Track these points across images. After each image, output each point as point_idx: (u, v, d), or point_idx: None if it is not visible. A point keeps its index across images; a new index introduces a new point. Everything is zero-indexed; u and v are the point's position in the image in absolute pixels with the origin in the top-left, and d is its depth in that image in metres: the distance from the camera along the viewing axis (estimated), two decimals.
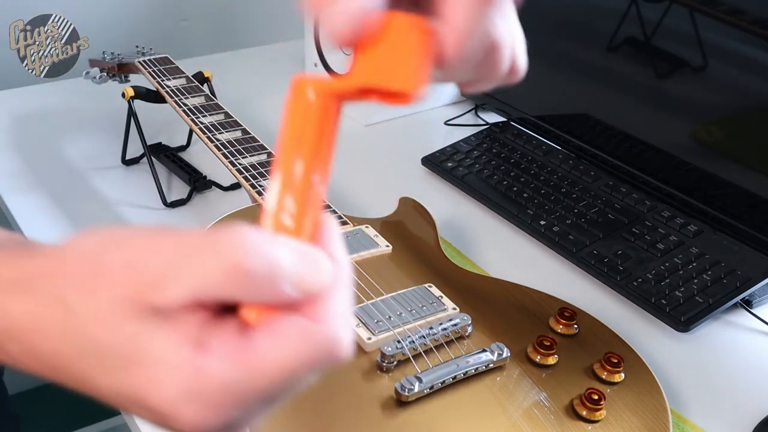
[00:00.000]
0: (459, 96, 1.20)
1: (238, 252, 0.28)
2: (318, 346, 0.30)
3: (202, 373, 0.28)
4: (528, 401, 0.61)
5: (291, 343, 0.29)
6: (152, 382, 0.29)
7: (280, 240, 0.30)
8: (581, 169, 0.97)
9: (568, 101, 1.03)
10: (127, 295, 0.29)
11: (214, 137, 0.83)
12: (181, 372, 0.28)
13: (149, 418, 0.30)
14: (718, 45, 0.83)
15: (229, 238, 0.29)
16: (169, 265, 0.29)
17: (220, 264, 0.28)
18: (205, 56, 1.38)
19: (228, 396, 0.29)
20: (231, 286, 0.28)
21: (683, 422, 0.66)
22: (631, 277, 0.80)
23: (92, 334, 0.29)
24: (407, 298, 0.68)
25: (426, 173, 1.03)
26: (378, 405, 0.59)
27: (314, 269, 0.30)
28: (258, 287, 0.29)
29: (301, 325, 0.29)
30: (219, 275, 0.28)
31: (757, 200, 0.82)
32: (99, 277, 0.30)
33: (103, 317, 0.29)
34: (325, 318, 0.30)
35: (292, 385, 0.30)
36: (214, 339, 0.29)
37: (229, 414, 0.29)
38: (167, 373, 0.28)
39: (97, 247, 0.31)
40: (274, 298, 0.29)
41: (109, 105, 1.11)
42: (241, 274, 0.28)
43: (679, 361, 0.72)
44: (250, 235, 0.29)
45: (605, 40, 0.94)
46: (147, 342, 0.29)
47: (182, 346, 0.29)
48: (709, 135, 0.88)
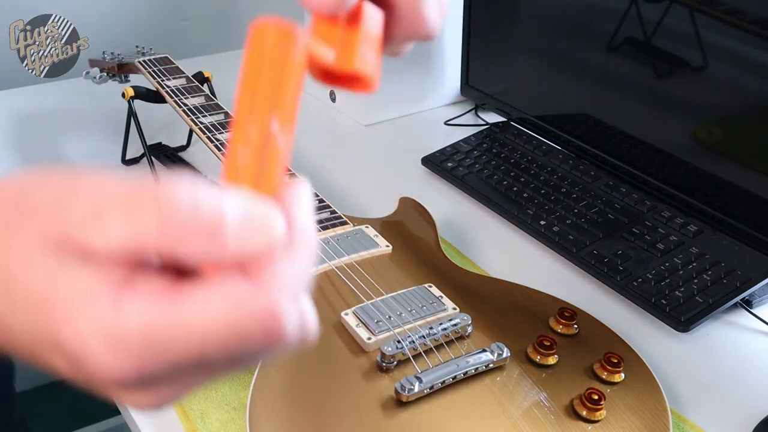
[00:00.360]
0: (459, 96, 1.20)
1: (179, 199, 0.26)
2: (250, 312, 0.26)
3: (121, 314, 0.26)
4: (528, 401, 0.61)
5: (221, 302, 0.26)
6: (67, 319, 0.26)
7: (227, 192, 0.27)
8: (581, 169, 0.97)
9: (568, 101, 1.03)
10: (51, 231, 0.26)
11: (214, 137, 0.83)
12: (98, 310, 0.26)
13: (63, 365, 0.27)
14: (718, 45, 0.83)
15: (170, 186, 0.26)
16: (101, 207, 0.26)
17: (156, 210, 0.26)
18: (205, 56, 1.38)
19: (145, 344, 0.26)
20: (167, 236, 0.26)
21: (683, 422, 0.66)
22: (631, 277, 0.80)
23: (9, 271, 0.27)
24: (407, 298, 0.68)
25: (426, 173, 1.03)
26: (378, 405, 0.59)
27: (261, 225, 0.27)
28: (196, 240, 0.26)
29: (237, 287, 0.26)
30: (154, 222, 0.25)
31: (757, 200, 0.82)
32: (23, 213, 0.27)
33: (22, 253, 0.27)
34: (267, 285, 0.26)
35: (222, 354, 0.27)
36: (140, 284, 0.26)
37: (144, 366, 0.26)
38: (84, 309, 0.26)
39: (24, 185, 0.28)
40: (214, 254, 0.26)
41: (109, 105, 1.11)
42: (179, 223, 0.26)
43: (679, 361, 0.72)
44: (193, 185, 0.26)
45: (605, 40, 0.94)
46: (67, 278, 0.26)
47: (104, 285, 0.26)
48: (709, 135, 0.88)
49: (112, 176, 0.27)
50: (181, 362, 0.26)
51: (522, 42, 1.07)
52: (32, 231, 0.27)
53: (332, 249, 0.74)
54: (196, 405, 0.64)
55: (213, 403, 0.64)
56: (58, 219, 0.26)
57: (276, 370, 0.61)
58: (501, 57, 1.11)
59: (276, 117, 0.28)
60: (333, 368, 0.62)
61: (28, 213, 0.27)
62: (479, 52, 1.12)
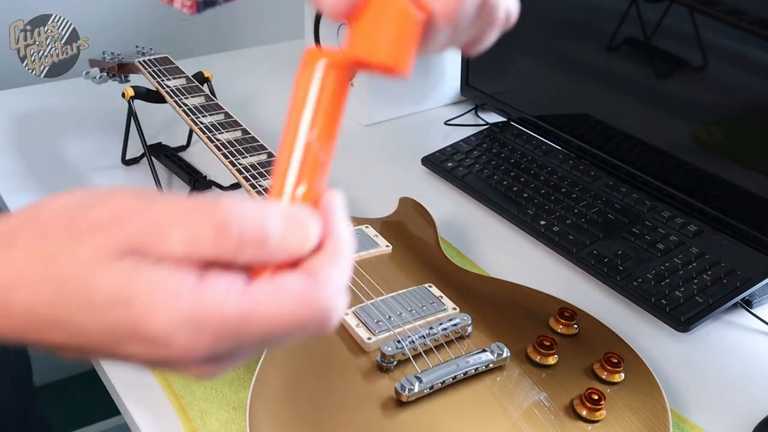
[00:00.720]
0: (459, 96, 1.20)
1: (227, 212, 0.30)
2: (314, 309, 0.31)
3: (202, 301, 0.29)
4: (528, 401, 0.61)
5: (290, 298, 0.31)
6: (150, 309, 0.29)
7: (268, 204, 0.32)
8: (581, 169, 0.97)
9: (568, 101, 1.03)
10: (119, 241, 0.30)
11: (214, 137, 0.83)
12: (182, 298, 0.29)
13: (139, 351, 0.30)
14: (718, 45, 0.83)
15: (218, 200, 0.30)
16: (160, 220, 0.30)
17: (210, 222, 0.30)
18: (205, 56, 1.38)
19: (223, 329, 0.30)
20: (221, 244, 0.30)
21: (683, 422, 0.66)
22: (631, 277, 0.80)
23: (81, 276, 0.30)
24: (407, 298, 0.68)
25: (426, 173, 1.03)
26: (378, 405, 0.59)
27: (299, 230, 0.32)
28: (247, 246, 0.30)
29: (303, 286, 0.31)
30: (210, 232, 0.30)
31: (757, 200, 0.82)
32: (82, 229, 0.30)
33: (92, 260, 0.30)
34: (324, 285, 0.31)
35: (280, 339, 0.31)
36: (218, 277, 0.30)
37: (218, 347, 0.30)
38: (168, 298, 0.29)
39: (74, 204, 0.32)
40: (261, 258, 0.31)
41: (109, 105, 1.11)
42: (231, 232, 0.30)
43: (679, 361, 0.72)
44: (237, 200, 0.31)
45: (605, 40, 0.94)
46: (145, 275, 0.29)
47: (183, 275, 0.30)
48: (709, 135, 0.88)
49: (161, 196, 0.31)
50: (250, 343, 0.31)
51: (522, 42, 1.07)
52: (98, 243, 0.30)
53: None
54: (196, 405, 0.64)
55: (213, 403, 0.64)
56: (121, 233, 0.30)
57: (276, 371, 0.61)
58: (501, 57, 1.11)
59: (322, 142, 0.32)
60: (333, 368, 0.62)
61: (86, 229, 0.30)
62: None
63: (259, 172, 0.77)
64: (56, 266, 0.30)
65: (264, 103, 1.16)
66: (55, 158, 1.03)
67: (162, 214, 0.30)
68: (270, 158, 0.80)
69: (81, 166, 1.01)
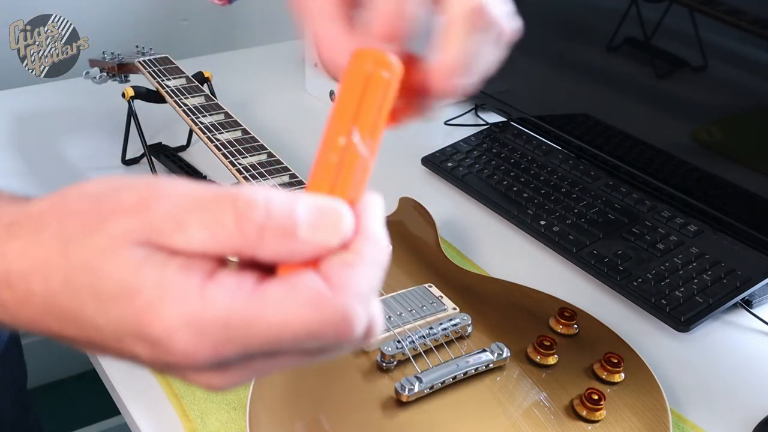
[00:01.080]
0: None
1: (254, 202, 0.28)
2: (325, 315, 0.28)
3: (205, 301, 0.28)
4: (528, 401, 0.61)
5: (299, 302, 0.28)
6: (153, 306, 0.28)
7: (299, 195, 0.29)
8: (581, 169, 0.97)
9: (568, 101, 1.03)
10: (135, 232, 0.28)
11: (214, 137, 0.83)
12: (184, 296, 0.28)
13: (143, 351, 0.29)
14: (718, 45, 0.83)
15: (246, 191, 0.28)
16: (181, 210, 0.28)
17: (234, 213, 0.28)
18: (205, 56, 1.37)
19: (226, 333, 0.28)
20: (245, 238, 0.28)
21: (683, 422, 0.66)
22: (631, 277, 0.80)
23: (93, 265, 0.29)
24: (407, 298, 0.68)
25: (426, 173, 1.03)
26: (378, 405, 0.59)
27: (331, 223, 0.29)
28: (271, 234, 0.28)
29: (316, 288, 0.28)
30: (233, 224, 0.28)
31: (757, 200, 0.82)
32: (105, 214, 0.29)
33: (106, 248, 0.29)
34: (342, 291, 0.28)
35: (294, 349, 0.29)
36: (224, 277, 0.28)
37: (222, 352, 0.28)
38: (170, 296, 0.28)
39: (103, 190, 0.30)
40: (288, 251, 0.28)
41: (109, 105, 1.11)
42: (255, 216, 0.28)
43: (679, 361, 0.72)
44: (266, 189, 0.29)
45: (605, 40, 0.94)
46: (153, 269, 0.28)
47: (191, 274, 0.28)
48: (709, 135, 0.88)
49: (188, 183, 0.30)
50: (256, 351, 0.29)
51: (522, 42, 1.07)
52: (115, 230, 0.29)
53: None
54: (196, 405, 0.64)
55: (213, 403, 0.64)
56: (142, 220, 0.29)
57: None
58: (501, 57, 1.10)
59: (358, 131, 0.31)
60: (333, 368, 0.62)
61: (109, 214, 0.29)
62: None
63: (259, 172, 0.77)
64: (73, 254, 0.29)
65: (264, 103, 1.16)
66: (55, 158, 1.03)
67: (184, 201, 0.29)
68: (270, 158, 0.80)
69: (81, 166, 1.01)
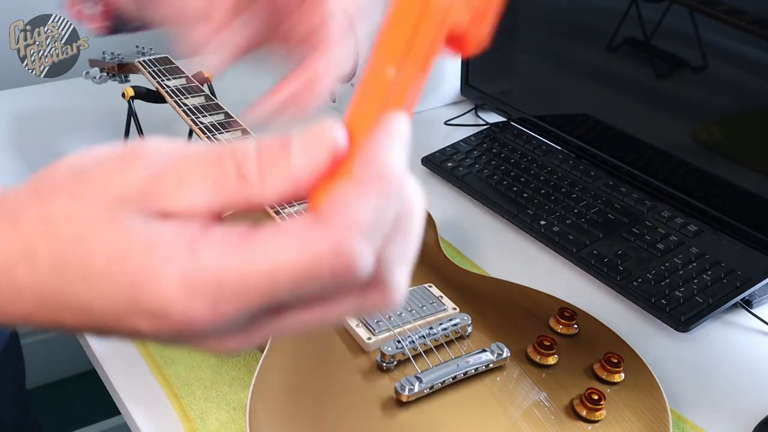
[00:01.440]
0: (459, 96, 1.20)
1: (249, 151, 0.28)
2: (315, 252, 0.26)
3: (196, 259, 0.26)
4: (528, 401, 0.61)
5: (288, 243, 0.26)
6: (146, 272, 0.27)
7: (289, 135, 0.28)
8: (581, 169, 0.97)
9: (568, 101, 1.03)
10: (127, 196, 0.27)
11: (214, 137, 0.83)
12: (174, 257, 0.26)
13: (145, 324, 0.28)
14: (718, 45, 0.83)
15: (236, 144, 0.28)
16: (179, 167, 0.28)
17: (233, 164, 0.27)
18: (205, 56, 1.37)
19: (221, 289, 0.26)
20: (249, 185, 0.27)
21: (683, 422, 0.66)
22: (631, 277, 0.80)
23: (80, 242, 0.27)
24: (407, 298, 0.68)
25: (426, 173, 1.03)
26: (378, 405, 0.59)
27: (319, 135, 0.27)
28: (271, 179, 0.27)
29: (304, 227, 0.26)
30: (234, 175, 0.27)
31: (757, 200, 0.82)
32: (92, 185, 0.28)
33: (96, 219, 0.27)
34: (333, 224, 0.26)
35: (292, 296, 0.27)
36: (215, 233, 0.27)
37: (222, 311, 0.27)
38: (161, 259, 0.27)
39: (86, 162, 0.29)
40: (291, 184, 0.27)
41: (109, 105, 1.11)
42: (254, 170, 0.27)
43: (679, 361, 0.72)
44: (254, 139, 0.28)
45: (605, 40, 0.94)
46: (142, 234, 0.27)
47: (180, 235, 0.27)
48: (709, 135, 0.88)
49: (170, 142, 0.29)
50: (254, 305, 0.27)
51: (522, 42, 1.07)
52: (105, 193, 0.28)
53: None
54: (196, 405, 0.64)
55: (213, 403, 0.64)
56: (134, 185, 0.27)
57: (276, 371, 0.61)
58: (501, 57, 1.11)
59: (399, 61, 0.28)
60: (333, 368, 0.62)
61: (97, 184, 0.28)
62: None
63: None
64: (61, 234, 0.28)
65: None
66: (55, 158, 1.02)
67: (180, 159, 0.28)
68: None
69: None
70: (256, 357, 0.68)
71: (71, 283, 0.28)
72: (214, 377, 0.67)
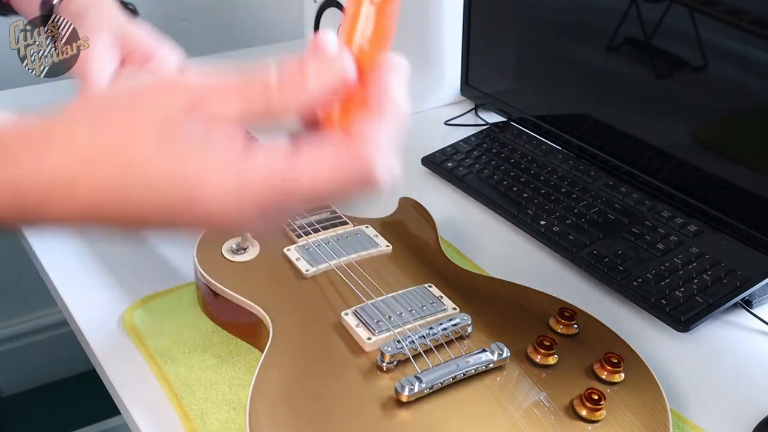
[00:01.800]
0: (459, 96, 1.20)
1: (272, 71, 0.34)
2: (351, 168, 0.33)
3: (248, 164, 0.32)
4: (528, 401, 0.61)
5: (329, 159, 0.33)
6: (200, 176, 0.32)
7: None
8: (581, 169, 0.97)
9: (568, 101, 1.03)
10: (178, 106, 0.33)
11: None
12: (227, 162, 0.32)
13: (195, 224, 0.34)
14: (718, 45, 0.83)
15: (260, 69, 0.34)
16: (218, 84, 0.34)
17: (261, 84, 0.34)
18: (205, 56, 1.37)
19: (267, 192, 0.32)
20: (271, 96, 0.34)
21: (683, 422, 0.66)
22: (631, 277, 0.80)
23: (138, 158, 0.32)
24: (407, 298, 0.68)
25: (426, 173, 1.03)
26: (378, 405, 0.59)
27: (331, 63, 0.34)
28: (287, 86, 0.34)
29: (342, 143, 0.33)
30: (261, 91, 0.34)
31: (757, 200, 0.82)
32: (143, 103, 0.33)
33: (148, 138, 0.32)
34: (361, 145, 0.33)
35: (326, 201, 0.35)
36: (263, 143, 0.33)
37: (265, 209, 0.33)
38: (215, 163, 0.32)
39: (131, 87, 0.35)
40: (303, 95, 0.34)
41: None
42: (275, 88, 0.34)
43: (679, 361, 0.72)
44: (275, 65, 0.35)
45: (605, 40, 0.94)
46: (195, 145, 0.32)
47: (231, 142, 0.33)
48: (709, 135, 0.88)
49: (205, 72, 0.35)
50: (295, 205, 0.34)
51: (522, 42, 1.07)
52: (158, 113, 0.33)
53: (332, 249, 0.74)
54: (196, 405, 0.64)
55: (213, 403, 0.64)
56: (183, 98, 0.33)
57: (276, 371, 0.61)
58: (501, 57, 1.11)
59: None
60: (333, 368, 0.62)
61: (148, 102, 0.33)
62: (479, 52, 1.12)
63: None
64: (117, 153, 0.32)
65: None
66: None
67: (218, 80, 0.34)
68: None
69: None
70: (256, 357, 0.68)
71: (131, 194, 0.33)
72: (214, 377, 0.67)
